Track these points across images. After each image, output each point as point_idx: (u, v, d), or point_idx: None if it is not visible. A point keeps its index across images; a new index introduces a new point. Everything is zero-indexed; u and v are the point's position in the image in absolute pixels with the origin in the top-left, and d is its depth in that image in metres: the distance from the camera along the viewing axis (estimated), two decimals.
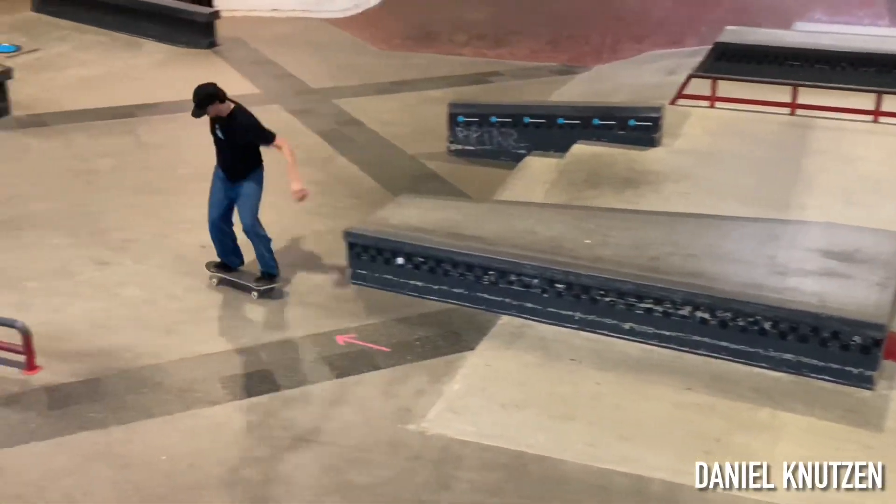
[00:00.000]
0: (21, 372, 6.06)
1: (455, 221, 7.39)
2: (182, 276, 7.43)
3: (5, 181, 9.26)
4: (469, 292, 6.88)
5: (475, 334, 6.56)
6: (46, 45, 13.70)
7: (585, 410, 5.72)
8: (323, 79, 12.89)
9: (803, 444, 5.39)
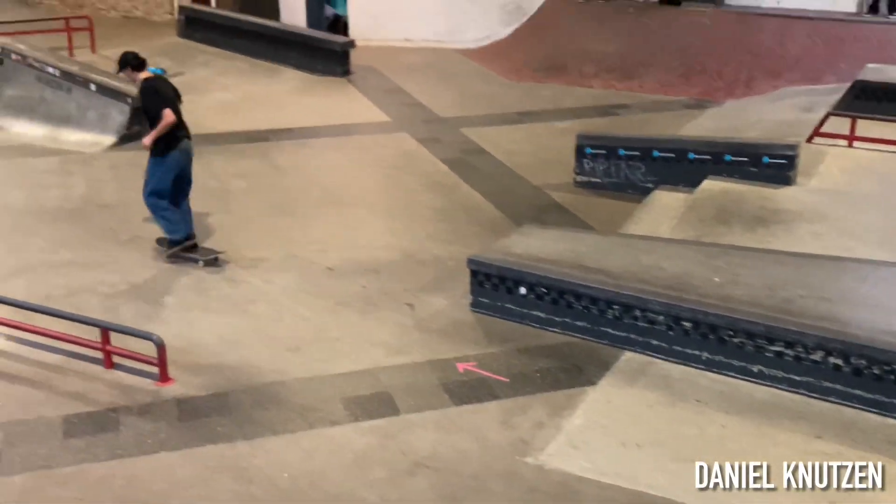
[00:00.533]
0: (154, 383, 6.29)
1: (579, 253, 7.34)
2: (308, 296, 7.59)
3: None
4: (592, 326, 6.81)
5: (597, 369, 6.48)
6: (190, 70, 14.30)
7: (709, 453, 5.56)
8: (451, 108, 13.06)
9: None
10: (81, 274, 7.92)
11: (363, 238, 8.80)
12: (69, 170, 10.50)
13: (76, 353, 6.54)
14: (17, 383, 6.29)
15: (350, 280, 7.89)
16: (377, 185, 10.49)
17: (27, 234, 8.74)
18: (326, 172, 10.67)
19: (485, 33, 16.47)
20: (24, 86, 12.06)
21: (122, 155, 10.98)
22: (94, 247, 8.48)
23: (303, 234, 8.86)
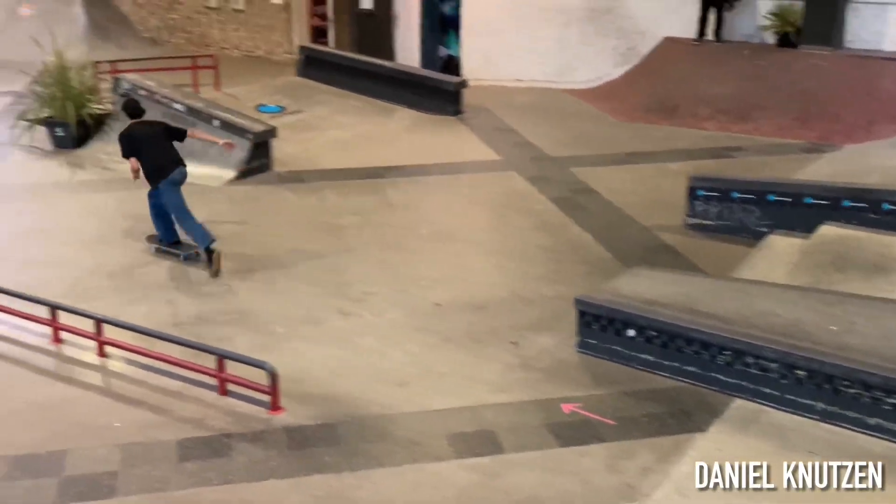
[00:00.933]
0: (266, 411, 6.46)
1: (690, 297, 7.24)
2: (416, 332, 7.69)
3: (265, 231, 10.00)
4: (702, 371, 6.69)
5: (706, 415, 6.36)
6: (308, 108, 14.72)
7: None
8: (560, 147, 13.09)
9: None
10: (198, 302, 8.21)
11: (471, 275, 8.87)
12: (190, 202, 10.87)
13: (193, 380, 6.78)
14: (137, 406, 6.56)
15: (457, 317, 7.96)
16: (486, 222, 10.58)
17: (150, 262, 9.12)
18: (437, 209, 10.82)
19: (597, 74, 16.48)
20: None
21: (242, 189, 11.36)
22: (212, 277, 8.78)
23: (412, 269, 8.99)
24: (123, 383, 6.89)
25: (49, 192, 11.36)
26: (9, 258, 9.22)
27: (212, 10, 20.34)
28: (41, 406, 6.55)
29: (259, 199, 11.06)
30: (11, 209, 10.73)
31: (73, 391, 6.79)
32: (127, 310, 7.85)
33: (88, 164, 12.29)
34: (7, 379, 6.96)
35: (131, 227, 10.10)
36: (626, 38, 16.26)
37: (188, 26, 20.80)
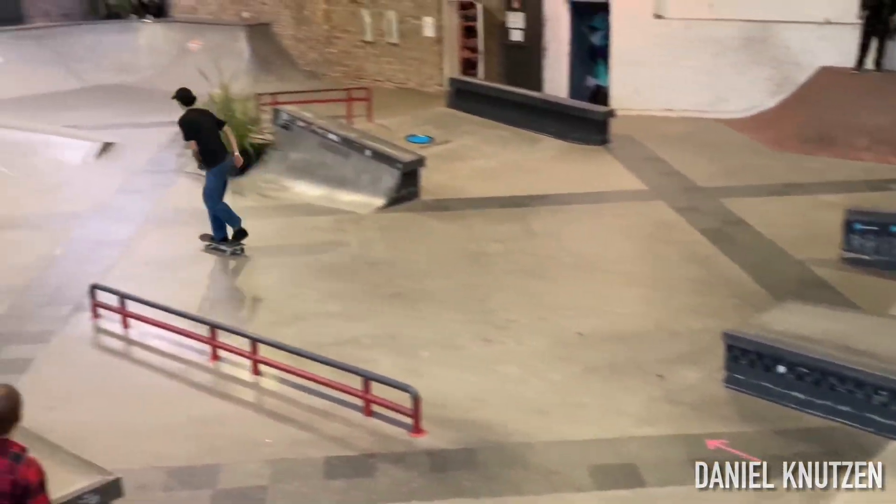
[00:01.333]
0: (408, 433, 6.60)
1: (845, 333, 6.97)
2: (557, 361, 7.69)
3: (411, 258, 10.23)
4: (856, 411, 6.42)
5: (859, 457, 6.08)
6: (455, 138, 14.99)
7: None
8: (710, 177, 12.84)
9: None
10: (348, 325, 8.47)
11: (615, 305, 8.81)
12: (342, 228, 11.29)
13: (339, 400, 7.00)
14: (287, 424, 6.82)
15: (600, 347, 7.91)
16: (632, 252, 10.48)
17: (303, 285, 9.47)
18: (581, 238, 10.80)
19: (750, 104, 16.09)
20: (308, 150, 13.13)
21: (391, 216, 11.66)
22: (361, 301, 9.04)
23: (555, 298, 9.00)
24: (275, 400, 7.18)
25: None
26: (174, 279, 9.76)
27: (367, 44, 21.00)
28: (198, 420, 6.90)
29: (406, 227, 11.32)
30: (178, 233, 11.36)
31: (228, 407, 7.13)
32: (279, 330, 8.17)
33: (248, 192, 12.87)
34: (169, 394, 7.36)
35: (287, 251, 10.51)
36: (781, 68, 15.82)
37: (345, 60, 21.53)
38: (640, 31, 16.82)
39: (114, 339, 8.41)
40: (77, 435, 6.42)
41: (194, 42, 22.93)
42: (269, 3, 22.81)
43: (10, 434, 4.14)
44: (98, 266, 10.05)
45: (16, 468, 4.08)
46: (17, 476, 4.07)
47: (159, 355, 7.99)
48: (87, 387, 7.47)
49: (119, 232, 11.23)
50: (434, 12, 19.56)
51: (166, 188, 13.14)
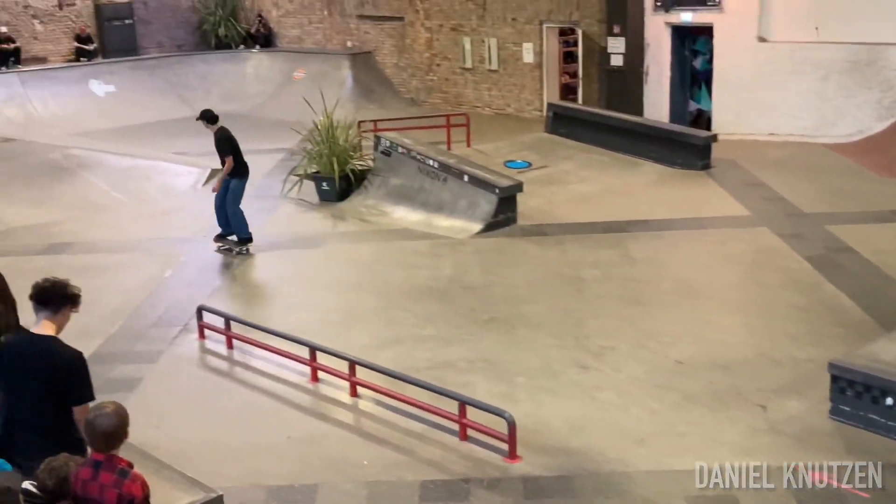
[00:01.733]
0: (503, 459, 6.60)
1: None
2: (656, 389, 7.59)
3: (509, 283, 10.25)
4: None
5: None
6: (554, 163, 14.98)
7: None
8: (816, 203, 12.51)
9: None
10: (444, 349, 8.54)
11: (716, 333, 8.65)
12: (439, 253, 11.40)
13: (435, 423, 7.05)
14: (383, 446, 6.90)
15: (700, 375, 7.78)
16: (733, 279, 10.28)
17: (400, 309, 9.59)
18: (680, 264, 10.65)
19: (857, 128, 15.64)
20: (407, 175, 13.32)
21: (487, 241, 11.72)
22: (457, 325, 9.10)
23: (653, 325, 8.89)
24: (372, 422, 7.28)
25: (313, 241, 12.24)
26: (277, 301, 10.02)
27: (467, 71, 21.22)
28: (298, 440, 7.05)
29: (503, 252, 11.36)
30: (280, 256, 11.67)
31: (327, 427, 7.26)
32: (377, 353, 8.29)
33: (349, 216, 13.13)
34: (270, 413, 7.54)
35: (385, 275, 10.68)
36: (892, 91, 15.34)
37: (445, 87, 21.80)
38: (743, 55, 16.56)
39: (218, 359, 8.67)
40: (181, 452, 6.64)
41: (299, 71, 23.56)
42: (371, 33, 23.28)
43: (118, 450, 4.32)
44: (205, 288, 10.39)
45: (122, 483, 4.25)
46: (123, 490, 4.24)
47: (261, 376, 8.20)
48: (192, 406, 7.71)
49: (226, 255, 11.58)
50: (534, 38, 19.66)
51: (270, 213, 13.49)
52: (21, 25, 22.94)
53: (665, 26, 17.47)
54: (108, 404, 4.39)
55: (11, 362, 4.92)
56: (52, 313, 4.88)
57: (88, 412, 4.44)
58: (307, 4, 24.71)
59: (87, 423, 4.32)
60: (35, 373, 4.82)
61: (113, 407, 4.36)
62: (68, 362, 4.83)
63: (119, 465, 4.31)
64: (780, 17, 16.34)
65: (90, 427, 4.30)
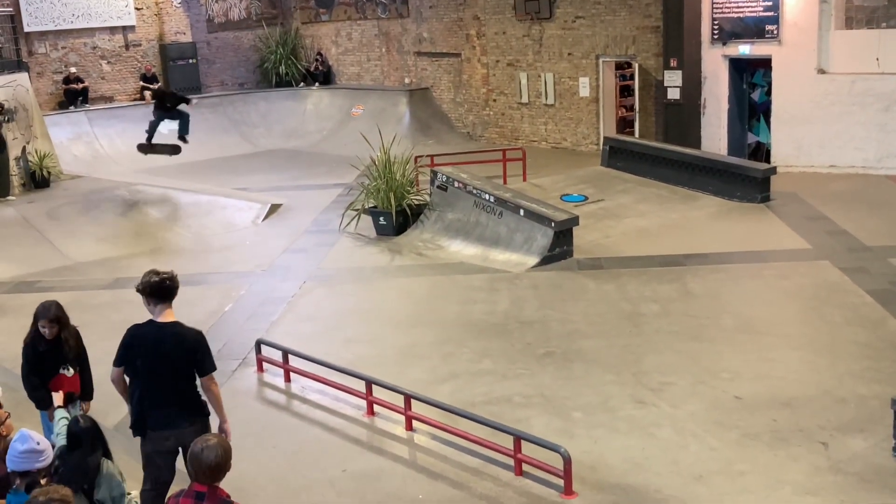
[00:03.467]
0: (559, 495, 6.56)
1: None
2: (715, 426, 7.48)
3: (566, 317, 10.21)
4: None
5: None
6: (610, 196, 14.93)
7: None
8: (879, 236, 12.28)
9: None
10: (500, 384, 8.53)
11: (776, 369, 8.51)
12: (495, 287, 11.41)
13: (491, 458, 7.04)
14: (439, 480, 6.91)
15: (760, 412, 7.66)
16: (794, 314, 10.11)
17: (457, 343, 9.61)
18: (740, 299, 10.52)
19: None
20: (463, 210, 13.41)
21: (544, 275, 11.71)
22: (513, 359, 9.09)
23: (713, 360, 8.78)
24: (427, 457, 7.29)
25: (370, 275, 12.35)
26: (334, 335, 10.11)
27: (523, 106, 21.31)
28: (354, 475, 7.09)
29: (560, 286, 11.33)
30: (338, 290, 11.78)
31: (383, 462, 7.29)
32: (433, 387, 8.32)
33: (406, 251, 13.23)
34: (326, 447, 7.60)
35: (442, 309, 10.72)
36: None
37: (501, 121, 21.91)
38: (802, 87, 16.40)
39: (276, 392, 8.78)
40: (240, 487, 6.68)
41: (357, 107, 23.88)
42: (429, 69, 23.53)
43: (220, 482, 4.39)
44: (264, 322, 10.54)
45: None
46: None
47: (318, 409, 8.28)
48: (251, 439, 7.79)
49: (284, 289, 11.74)
50: (590, 72, 19.70)
51: (329, 248, 13.66)
52: (89, 66, 23.64)
53: (722, 59, 17.38)
54: (212, 437, 4.48)
55: (146, 349, 5.71)
56: (169, 302, 5.81)
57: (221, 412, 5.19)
58: (366, 42, 25.09)
59: (192, 455, 4.41)
60: (168, 354, 5.68)
61: (217, 440, 4.44)
62: (194, 340, 5.80)
63: (221, 495, 4.38)
64: (840, 48, 16.17)
65: (195, 459, 4.37)
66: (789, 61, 16.50)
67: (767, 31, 16.66)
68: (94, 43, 23.81)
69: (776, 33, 16.56)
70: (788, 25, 16.41)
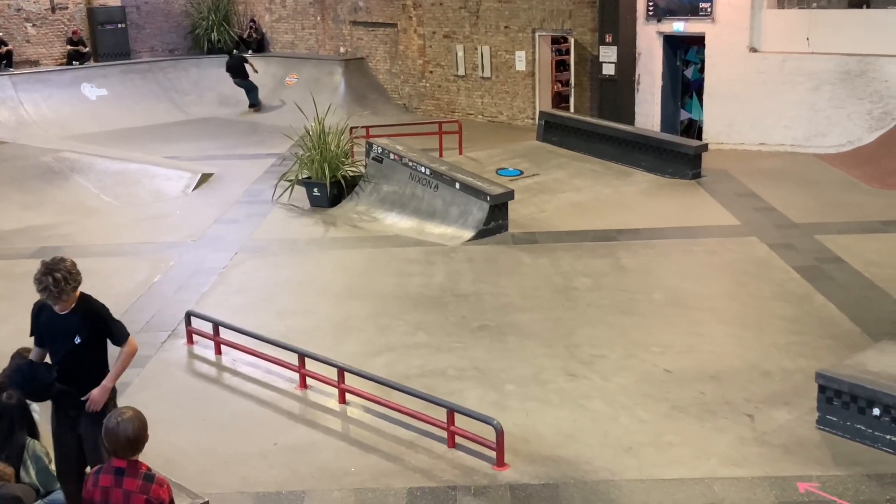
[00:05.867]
0: (491, 466, 6.60)
1: None
2: (645, 398, 7.60)
3: (500, 291, 10.24)
4: None
5: None
6: (545, 171, 15.01)
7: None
8: (807, 214, 12.56)
9: None
10: (435, 357, 8.54)
11: (705, 343, 8.67)
12: (431, 260, 11.40)
13: (424, 431, 7.05)
14: (372, 453, 6.89)
15: (689, 385, 7.79)
16: (723, 289, 10.30)
17: (392, 316, 9.58)
18: (671, 274, 10.67)
19: (848, 139, 15.72)
20: (399, 182, 13.34)
21: (479, 249, 11.73)
22: (448, 332, 9.10)
23: (643, 334, 8.90)
24: (360, 430, 7.27)
25: (304, 247, 12.23)
26: (266, 307, 10.00)
27: (459, 79, 21.25)
28: (286, 447, 7.04)
29: (495, 260, 11.36)
30: (271, 262, 11.65)
31: (315, 435, 7.25)
32: (367, 360, 8.29)
33: (340, 223, 13.13)
34: (258, 420, 7.52)
35: (377, 282, 10.68)
36: (881, 102, 15.41)
37: (437, 93, 21.82)
38: (734, 65, 16.63)
39: (207, 364, 8.66)
40: (169, 458, 6.63)
41: (291, 76, 23.57)
42: (364, 39, 23.30)
43: (139, 455, 4.28)
44: (194, 294, 10.38)
45: (149, 488, 4.22)
46: (151, 496, 4.21)
47: (250, 382, 8.19)
48: (180, 411, 7.69)
49: (215, 260, 11.57)
50: (526, 46, 19.70)
51: (261, 218, 13.49)
52: (13, 28, 22.90)
53: (657, 36, 17.53)
54: (127, 409, 4.36)
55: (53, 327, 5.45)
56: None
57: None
58: (300, 10, 24.73)
59: (108, 429, 4.29)
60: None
61: (132, 412, 4.33)
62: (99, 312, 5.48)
63: (142, 469, 4.28)
64: (772, 27, 16.43)
65: (111, 434, 4.26)
66: (722, 39, 16.71)
67: (701, 8, 16.84)
68: (19, 5, 23.07)
69: (710, 11, 16.75)
70: (722, 3, 16.61)
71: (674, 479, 6.40)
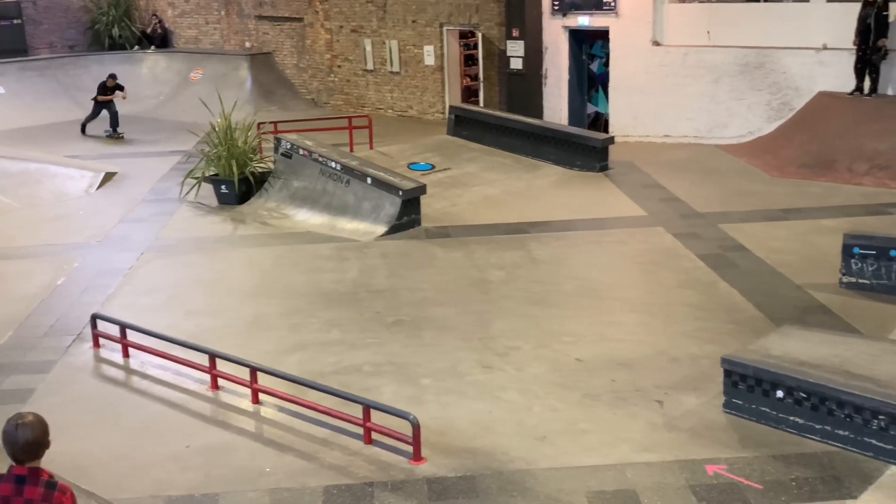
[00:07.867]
0: (408, 461, 6.60)
1: (844, 358, 6.98)
2: (558, 388, 7.70)
3: (415, 285, 10.25)
4: (855, 436, 6.43)
5: (858, 482, 6.10)
6: (457, 165, 15.06)
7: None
8: (710, 203, 12.89)
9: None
10: (350, 353, 8.50)
11: (616, 332, 8.83)
12: (344, 256, 11.34)
13: (340, 428, 7.01)
14: (287, 452, 6.82)
15: (600, 373, 7.93)
16: (632, 279, 10.51)
17: (305, 314, 9.50)
18: (581, 265, 10.84)
19: (748, 129, 16.20)
20: (309, 178, 13.22)
21: (392, 244, 11.71)
22: (363, 328, 9.07)
23: (556, 325, 9.02)
24: (274, 429, 7.19)
25: (213, 245, 12.02)
26: (175, 308, 9.80)
27: (368, 73, 21.18)
28: (198, 449, 6.91)
29: (409, 254, 11.36)
30: (179, 261, 11.42)
31: (228, 436, 7.14)
32: (280, 358, 8.20)
33: (249, 220, 12.95)
34: (169, 423, 7.37)
35: (289, 279, 10.57)
36: (780, 93, 15.94)
37: (346, 88, 21.70)
38: (638, 59, 16.97)
39: (115, 368, 8.45)
40: (78, 464, 6.45)
41: (196, 71, 23.14)
42: (271, 33, 23.02)
43: (40, 461, 4.14)
44: (100, 296, 10.11)
45: (51, 495, 4.08)
46: (54, 502, 4.07)
47: (160, 384, 8.02)
48: (88, 416, 7.49)
49: (121, 261, 11.29)
50: (434, 41, 19.74)
51: (168, 217, 13.22)
52: None
53: (562, 30, 17.76)
54: (27, 414, 4.21)
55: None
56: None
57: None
58: (204, 4, 24.29)
59: (6, 435, 4.13)
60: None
61: (32, 417, 4.19)
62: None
63: (43, 476, 4.14)
64: (674, 21, 16.82)
65: (10, 439, 4.10)
66: (626, 33, 17.03)
67: (605, 2, 17.13)
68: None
69: (613, 5, 17.05)
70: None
71: (587, 466, 6.50)
